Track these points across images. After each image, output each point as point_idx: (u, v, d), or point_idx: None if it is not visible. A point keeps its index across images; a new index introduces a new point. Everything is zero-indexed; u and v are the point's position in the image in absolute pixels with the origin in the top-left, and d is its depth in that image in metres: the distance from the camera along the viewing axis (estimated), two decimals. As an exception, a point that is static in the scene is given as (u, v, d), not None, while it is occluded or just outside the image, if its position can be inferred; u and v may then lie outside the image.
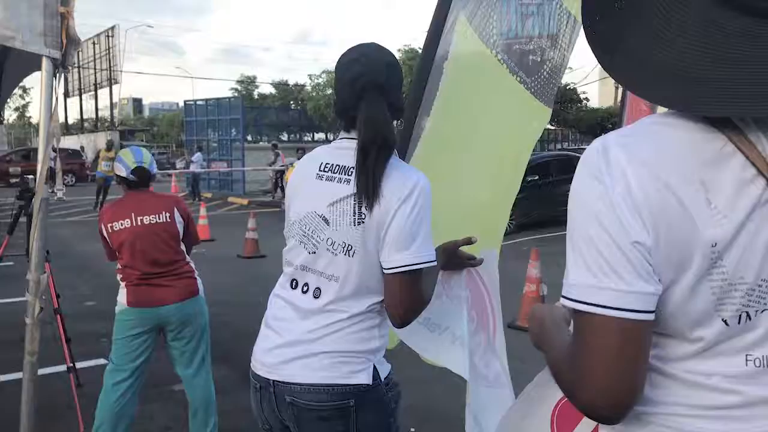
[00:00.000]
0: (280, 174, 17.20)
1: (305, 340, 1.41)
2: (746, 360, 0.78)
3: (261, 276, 7.51)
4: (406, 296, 1.37)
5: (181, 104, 27.84)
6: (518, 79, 2.43)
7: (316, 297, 1.43)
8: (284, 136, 27.67)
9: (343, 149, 1.43)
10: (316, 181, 1.43)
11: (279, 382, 1.43)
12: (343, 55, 1.45)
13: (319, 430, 1.41)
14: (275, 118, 28.76)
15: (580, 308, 0.78)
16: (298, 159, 12.71)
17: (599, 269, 0.77)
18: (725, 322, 0.78)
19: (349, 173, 1.39)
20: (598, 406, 0.80)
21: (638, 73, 0.78)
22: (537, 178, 11.08)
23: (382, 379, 1.43)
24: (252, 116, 26.77)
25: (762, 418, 0.77)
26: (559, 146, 25.15)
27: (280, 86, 36.40)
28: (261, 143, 20.10)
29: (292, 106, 32.05)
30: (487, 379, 1.77)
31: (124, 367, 2.76)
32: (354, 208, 1.37)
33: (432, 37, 2.28)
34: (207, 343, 2.94)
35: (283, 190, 17.13)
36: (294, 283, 1.48)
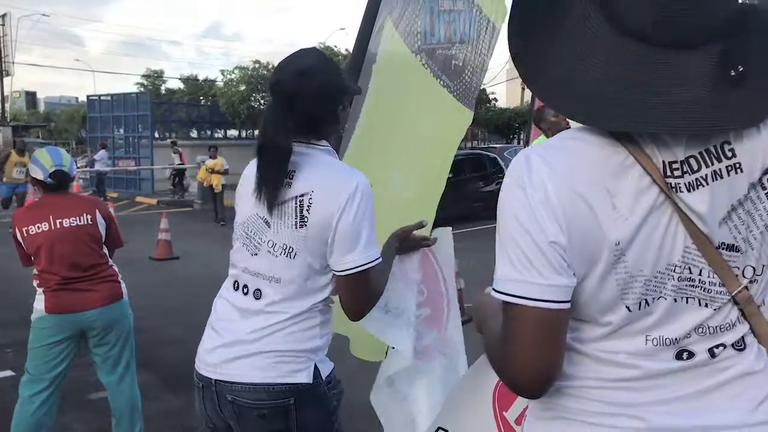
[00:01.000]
0: (181, 173, 16.69)
1: (246, 340, 1.44)
2: (646, 340, 0.90)
3: (175, 278, 7.30)
4: (358, 295, 1.43)
5: (81, 99, 26.31)
6: (441, 82, 2.54)
7: (257, 298, 1.46)
8: (194, 133, 26.80)
9: None
10: (277, 193, 1.45)
11: (220, 381, 1.45)
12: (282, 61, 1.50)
13: (260, 428, 1.44)
14: (185, 114, 27.80)
15: (506, 299, 0.89)
16: (210, 157, 12.38)
17: (522, 265, 0.87)
18: (628, 308, 0.89)
19: (290, 176, 1.42)
20: (523, 384, 0.91)
21: (557, 93, 0.89)
22: (451, 176, 11.42)
23: (324, 378, 1.47)
24: (160, 112, 25.72)
25: (657, 388, 0.90)
26: (469, 145, 25.97)
27: (190, 81, 35.16)
28: (170, 140, 19.37)
29: (203, 102, 31.08)
30: (416, 352, 1.84)
31: (42, 377, 2.63)
32: (296, 210, 1.40)
33: (361, 40, 2.35)
34: (132, 348, 2.86)
35: (183, 188, 16.64)
36: (236, 285, 1.51)
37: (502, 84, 31.16)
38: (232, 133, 27.55)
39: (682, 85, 0.81)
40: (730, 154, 0.84)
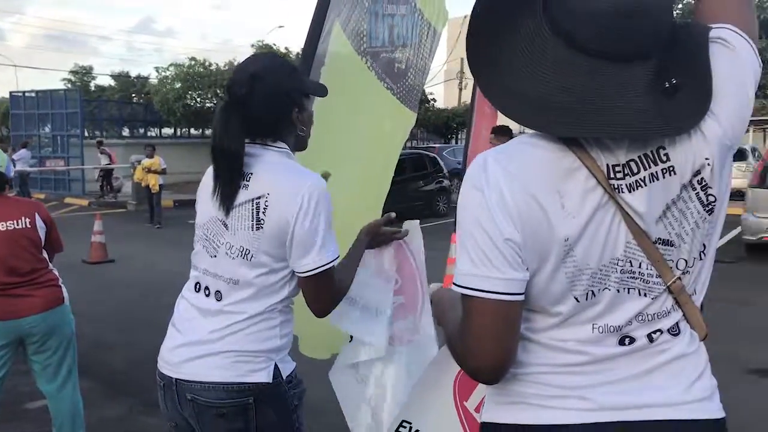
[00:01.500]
0: (108, 173, 16.10)
1: (207, 340, 1.45)
2: (592, 328, 0.97)
3: (111, 282, 7.07)
4: (320, 294, 1.47)
5: (3, 95, 24.86)
6: (385, 85, 2.60)
7: (217, 300, 1.47)
8: (126, 132, 25.84)
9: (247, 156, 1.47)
10: (234, 195, 1.46)
11: (181, 380, 1.46)
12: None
13: (219, 426, 1.45)
14: (117, 112, 26.76)
15: (465, 292, 0.96)
16: (147, 156, 11.98)
17: (480, 261, 0.94)
18: (576, 299, 0.96)
19: (247, 179, 1.43)
20: (481, 371, 0.98)
21: (511, 102, 0.96)
22: (393, 175, 11.54)
23: (284, 378, 1.48)
24: (90, 110, 24.66)
25: (602, 371, 0.98)
26: (409, 144, 26.22)
27: (121, 78, 33.88)
28: (96, 140, 18.59)
29: (136, 100, 29.99)
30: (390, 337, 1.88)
31: (-23, 387, 2.52)
32: (252, 213, 1.42)
33: (310, 42, 2.37)
34: (74, 355, 2.77)
35: (112, 189, 16.05)
36: (197, 286, 1.52)
37: (440, 85, 31.63)
38: (168, 131, 26.72)
39: (624, 95, 0.89)
40: (665, 158, 0.93)
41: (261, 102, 1.44)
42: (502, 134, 5.62)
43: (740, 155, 15.82)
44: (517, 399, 1.01)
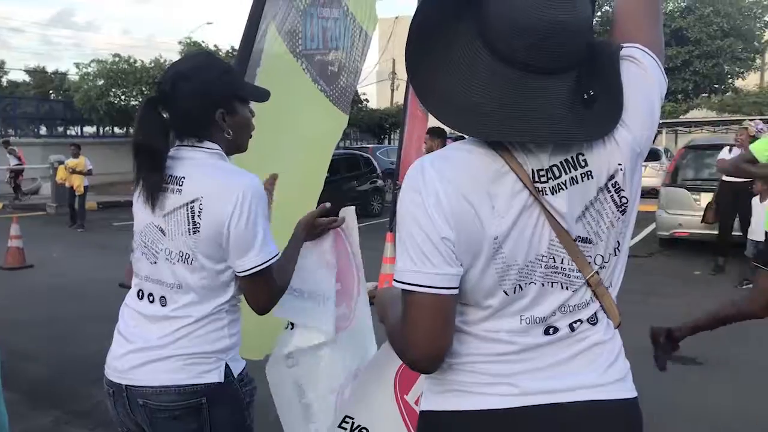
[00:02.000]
0: (15, 174, 15.29)
1: (155, 345, 1.45)
2: (520, 319, 1.05)
3: (30, 289, 6.73)
4: (261, 292, 1.48)
5: None
6: (319, 87, 2.65)
7: (162, 305, 1.48)
8: (44, 130, 24.50)
9: (174, 158, 1.47)
10: (159, 194, 1.46)
11: (131, 386, 1.46)
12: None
13: (173, 428, 1.46)
14: (33, 109, 25.29)
15: (405, 288, 1.02)
16: (72, 156, 11.44)
17: (418, 258, 1.01)
18: (506, 292, 1.04)
19: (180, 183, 1.43)
20: (420, 361, 1.05)
21: (446, 109, 1.03)
22: (327, 175, 11.53)
23: (235, 376, 1.50)
24: (2, 107, 23.25)
25: (529, 359, 1.06)
26: (342, 144, 26.22)
27: (37, 73, 32.10)
28: (7, 138, 17.50)
29: (53, 97, 28.50)
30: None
31: None
32: (188, 217, 1.42)
33: (245, 44, 2.38)
34: (-4, 364, 2.66)
35: (21, 191, 15.23)
36: (140, 294, 1.51)
37: (373, 85, 31.81)
38: (89, 130, 25.54)
39: (547, 104, 0.98)
40: (583, 164, 1.02)
41: (182, 101, 1.45)
42: (437, 135, 5.78)
43: (654, 156, 16.81)
44: (453, 387, 1.08)
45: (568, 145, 1.01)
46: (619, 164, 1.03)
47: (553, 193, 1.01)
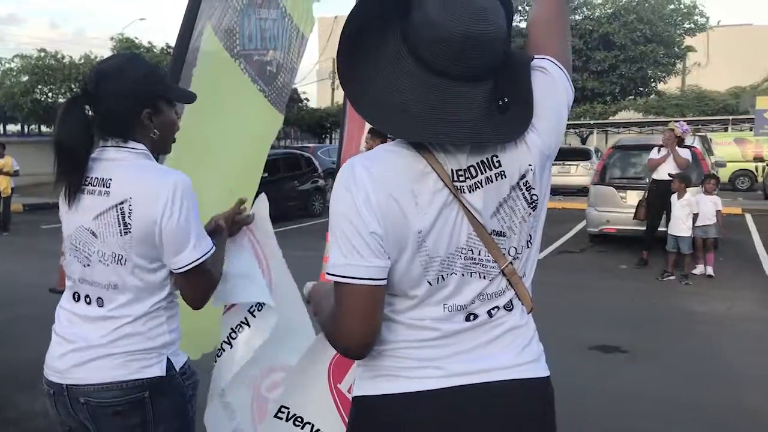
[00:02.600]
0: None
1: (96, 344, 1.46)
2: (443, 307, 1.13)
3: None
4: (197, 287, 1.51)
5: None
6: (258, 87, 2.67)
7: (99, 306, 1.48)
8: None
9: (100, 160, 1.48)
10: (79, 194, 1.46)
11: (72, 385, 1.46)
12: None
13: (116, 424, 1.47)
14: (-51, 106, 23.82)
15: (337, 280, 1.09)
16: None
17: (349, 252, 1.07)
18: (429, 283, 1.11)
19: (107, 185, 1.44)
20: (351, 348, 1.13)
21: (375, 112, 1.11)
22: (266, 175, 11.44)
23: (177, 370, 1.52)
24: None
25: (452, 344, 1.13)
26: (283, 144, 25.98)
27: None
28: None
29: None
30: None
31: None
32: (118, 219, 1.43)
33: (180, 44, 2.38)
34: None
35: None
36: (76, 296, 1.51)
37: (313, 84, 31.64)
38: (13, 128, 24.28)
39: (466, 109, 1.07)
40: (498, 164, 1.11)
41: (108, 100, 1.46)
42: (377, 135, 5.87)
43: (585, 156, 17.51)
44: (383, 372, 1.16)
45: (483, 147, 1.10)
46: (530, 165, 1.13)
47: (470, 192, 1.10)
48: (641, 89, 15.83)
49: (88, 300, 1.50)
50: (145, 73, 1.51)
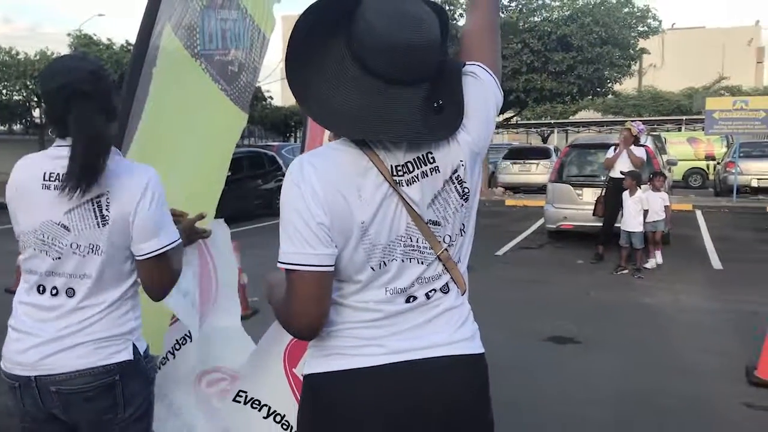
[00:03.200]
0: None
1: (65, 335, 1.52)
2: (385, 291, 1.23)
3: None
4: (159, 275, 1.58)
5: None
6: (220, 86, 2.71)
7: (69, 296, 1.54)
8: None
9: (65, 158, 1.51)
10: (43, 191, 1.51)
11: (42, 376, 1.51)
12: (46, 68, 1.58)
13: (87, 408, 1.54)
14: None
15: (288, 268, 1.18)
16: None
17: (298, 241, 1.17)
18: (372, 268, 1.21)
19: (98, 181, 1.50)
20: (302, 329, 1.23)
21: (320, 111, 1.21)
22: (230, 174, 11.33)
23: (141, 354, 1.61)
24: None
25: (394, 324, 1.24)
26: (247, 142, 25.75)
27: None
28: None
29: None
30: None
31: None
32: (94, 212, 1.50)
33: (140, 44, 2.41)
34: None
35: None
36: (41, 289, 1.56)
37: (278, 82, 31.41)
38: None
39: (403, 110, 1.17)
40: (432, 160, 1.22)
41: (104, 97, 1.54)
42: None
43: (546, 154, 17.90)
44: (332, 351, 1.26)
45: (419, 145, 1.21)
46: (461, 161, 1.24)
47: (408, 185, 1.21)
48: (598, 90, 16.24)
49: (54, 291, 1.55)
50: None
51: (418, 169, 1.21)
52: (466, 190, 1.26)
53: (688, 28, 39.92)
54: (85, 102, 1.50)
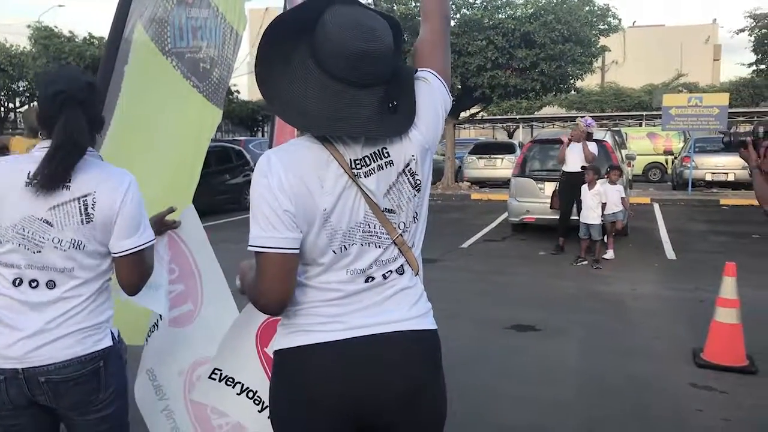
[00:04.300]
0: None
1: (49, 328, 1.61)
2: (346, 272, 1.35)
3: None
4: (135, 272, 1.68)
5: None
6: (191, 83, 2.78)
7: (50, 288, 1.62)
8: None
9: None
10: (27, 189, 1.58)
11: (29, 368, 1.61)
12: (46, 74, 1.69)
13: (75, 393, 1.64)
14: None
15: (257, 251, 1.31)
16: None
17: (266, 227, 1.29)
18: (334, 251, 1.34)
19: (68, 180, 1.60)
20: (268, 305, 1.36)
21: (287, 111, 1.35)
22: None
23: (117, 337, 1.75)
24: None
25: (354, 302, 1.36)
26: (214, 137, 25.32)
27: None
28: None
29: None
30: (171, 320, 2.19)
31: None
32: (80, 210, 1.60)
33: (112, 42, 2.48)
34: None
35: None
36: (18, 282, 1.62)
37: (244, 76, 31.10)
38: None
39: (360, 110, 1.32)
40: (387, 155, 1.36)
41: (94, 108, 1.67)
42: None
43: (510, 149, 18.24)
44: (297, 329, 1.39)
45: (375, 141, 1.35)
46: (413, 155, 1.38)
47: (365, 177, 1.34)
48: (561, 86, 16.60)
49: (34, 284, 1.62)
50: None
51: (374, 162, 1.35)
52: (418, 182, 1.40)
53: (648, 26, 40.94)
54: (76, 109, 1.61)
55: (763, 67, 21.81)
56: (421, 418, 1.42)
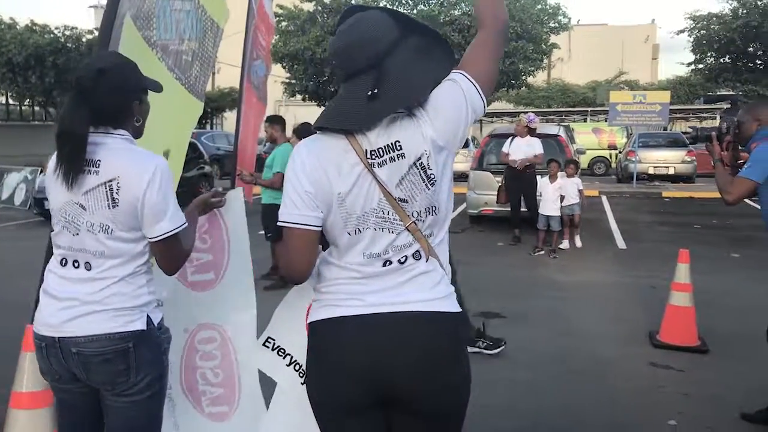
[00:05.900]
0: None
1: (86, 301, 1.68)
2: (363, 255, 1.48)
3: None
4: (170, 255, 1.74)
5: None
6: (174, 76, 2.81)
7: (87, 269, 1.70)
8: None
9: (89, 144, 1.66)
10: (79, 175, 1.65)
11: (64, 338, 1.67)
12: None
13: (104, 369, 1.69)
14: None
15: (284, 225, 1.49)
16: None
17: (291, 205, 1.49)
18: (349, 233, 1.48)
19: (97, 165, 1.65)
20: (291, 274, 1.56)
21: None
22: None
23: (155, 325, 1.77)
24: None
25: (373, 283, 1.48)
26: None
27: None
28: None
29: None
30: (191, 283, 2.27)
31: None
32: (107, 194, 1.65)
33: (103, 35, 2.48)
34: None
35: None
36: (64, 261, 1.73)
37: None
38: None
39: (351, 103, 1.47)
40: (399, 148, 1.46)
41: (106, 94, 1.67)
42: (275, 122, 6.49)
43: (464, 143, 18.52)
44: (325, 303, 1.53)
45: (389, 133, 1.46)
46: (425, 150, 1.46)
47: (379, 167, 1.46)
48: (513, 82, 17.01)
49: (76, 264, 1.71)
50: (133, 67, 1.76)
51: (387, 154, 1.46)
52: (432, 176, 1.47)
53: (591, 25, 42.20)
54: (77, 97, 1.65)
55: (701, 66, 22.90)
56: (440, 399, 1.50)
